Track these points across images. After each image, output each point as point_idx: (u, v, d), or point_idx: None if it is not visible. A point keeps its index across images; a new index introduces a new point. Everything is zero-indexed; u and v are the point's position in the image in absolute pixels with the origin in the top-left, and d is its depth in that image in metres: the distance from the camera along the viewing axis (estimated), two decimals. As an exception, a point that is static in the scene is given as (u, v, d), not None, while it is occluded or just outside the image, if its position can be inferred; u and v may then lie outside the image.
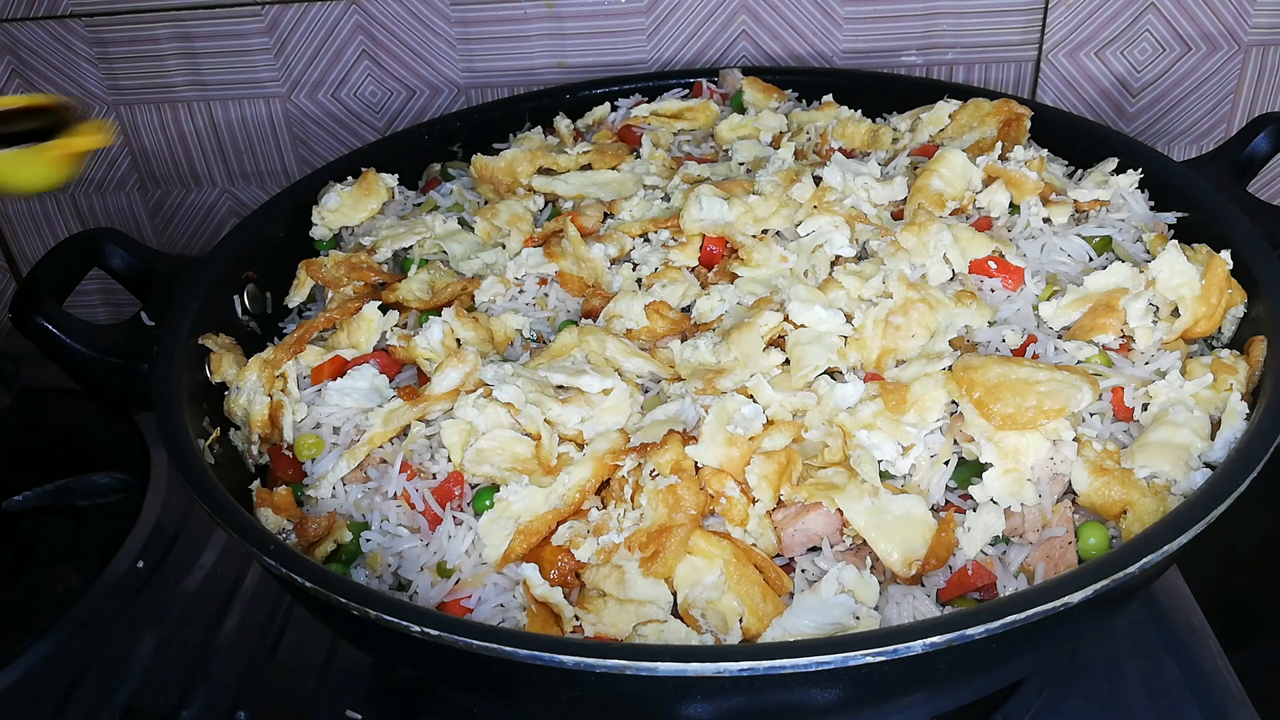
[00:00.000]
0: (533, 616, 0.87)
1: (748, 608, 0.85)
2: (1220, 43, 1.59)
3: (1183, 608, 1.17)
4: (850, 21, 1.59)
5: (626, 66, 1.61)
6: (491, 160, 1.29)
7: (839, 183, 1.15)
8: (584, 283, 1.13)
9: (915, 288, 1.03)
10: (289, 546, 0.92)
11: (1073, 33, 1.58)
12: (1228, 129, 1.66)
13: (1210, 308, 1.01)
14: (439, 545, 0.94)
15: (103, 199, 1.73)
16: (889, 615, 0.86)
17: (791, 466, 0.91)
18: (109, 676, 1.16)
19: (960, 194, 1.15)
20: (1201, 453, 0.92)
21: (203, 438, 1.01)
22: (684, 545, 0.88)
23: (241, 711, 1.12)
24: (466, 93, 1.64)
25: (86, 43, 1.61)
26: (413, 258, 1.19)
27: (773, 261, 1.10)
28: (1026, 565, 0.88)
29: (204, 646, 1.19)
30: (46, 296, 1.11)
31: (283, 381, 1.06)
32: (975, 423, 0.92)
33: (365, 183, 1.29)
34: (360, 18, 1.58)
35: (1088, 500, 0.90)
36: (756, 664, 0.73)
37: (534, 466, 0.96)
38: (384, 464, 1.00)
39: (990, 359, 0.95)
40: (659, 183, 1.25)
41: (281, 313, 1.23)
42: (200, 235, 1.77)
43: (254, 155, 1.70)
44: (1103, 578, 0.76)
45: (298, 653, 1.18)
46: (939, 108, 1.29)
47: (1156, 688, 1.09)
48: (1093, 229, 1.12)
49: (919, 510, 0.89)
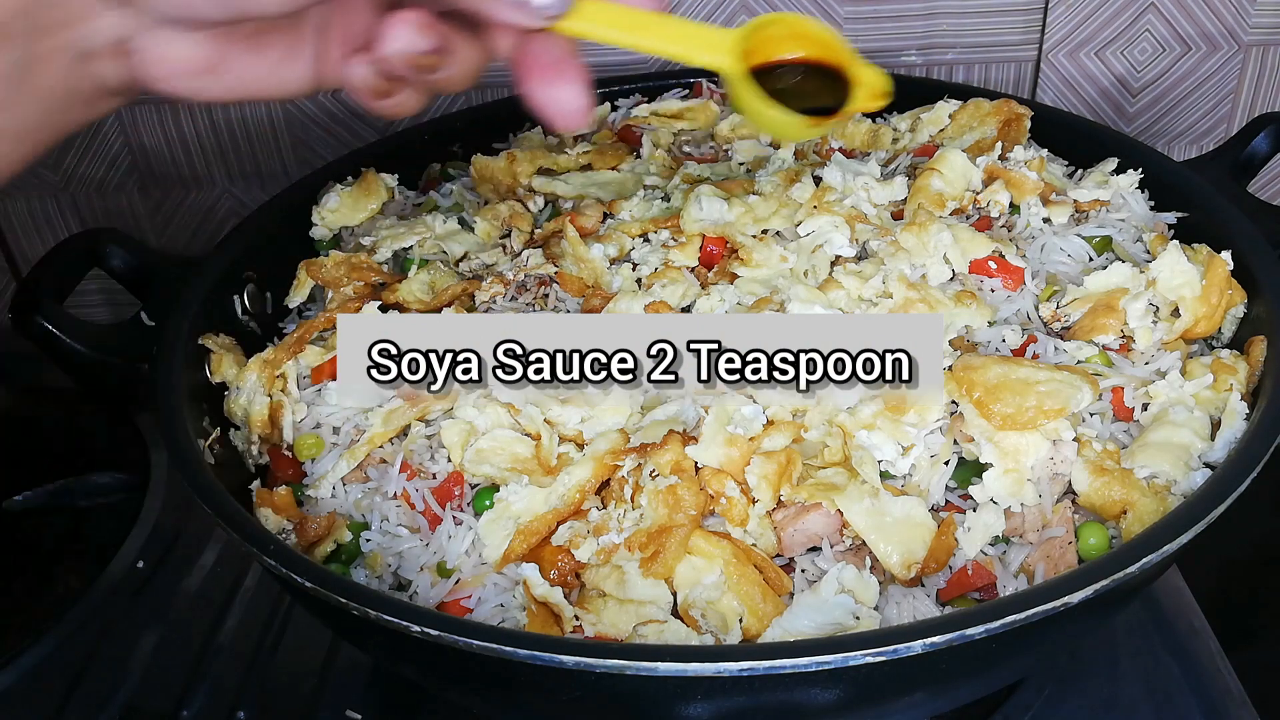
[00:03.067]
0: (533, 616, 0.87)
1: (748, 608, 0.85)
2: (1220, 43, 1.59)
3: (1183, 608, 1.17)
4: (850, 21, 1.59)
5: (626, 66, 1.61)
6: (491, 160, 1.29)
7: (839, 183, 1.15)
8: (583, 283, 1.13)
9: (915, 288, 1.03)
10: (289, 546, 0.92)
11: (1073, 33, 1.59)
12: (1228, 129, 1.66)
13: (1211, 308, 1.02)
14: (439, 545, 0.94)
15: (103, 199, 1.73)
16: (889, 615, 0.86)
17: (791, 467, 0.91)
18: (109, 676, 1.16)
19: (960, 194, 1.15)
20: (1201, 453, 0.92)
21: (203, 438, 1.01)
22: (684, 546, 0.88)
23: (241, 711, 1.12)
24: (466, 93, 1.64)
25: (86, 43, 1.60)
26: (413, 258, 1.19)
27: (773, 261, 1.10)
28: (1026, 565, 0.89)
29: (204, 646, 1.19)
30: (46, 296, 1.11)
31: (283, 381, 1.06)
32: (975, 423, 0.92)
33: (365, 183, 1.29)
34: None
35: (1088, 500, 0.90)
36: (756, 664, 0.73)
37: (534, 467, 0.96)
38: (384, 464, 1.00)
39: (990, 359, 0.95)
40: (659, 183, 1.25)
41: (281, 313, 1.23)
42: (200, 235, 1.76)
43: (254, 155, 1.69)
44: (1103, 578, 0.76)
45: (298, 653, 1.18)
46: (939, 108, 1.29)
47: (1156, 688, 1.09)
48: (1093, 229, 1.12)
49: (919, 512, 0.89)
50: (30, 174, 1.71)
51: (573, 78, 0.77)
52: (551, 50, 0.77)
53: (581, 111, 0.78)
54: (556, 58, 0.77)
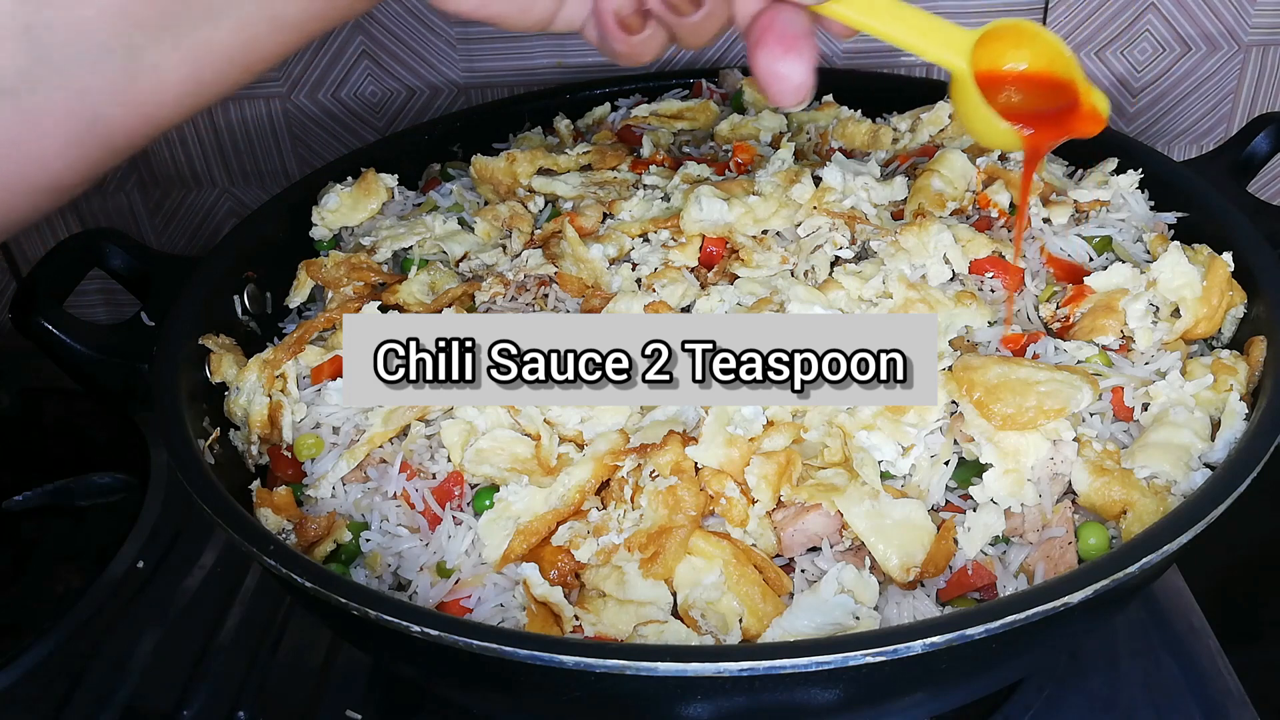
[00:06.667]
0: (533, 616, 0.87)
1: (747, 608, 0.85)
2: (1220, 43, 1.59)
3: (1183, 608, 1.17)
4: (850, 21, 1.59)
5: (626, 66, 1.61)
6: (491, 160, 1.29)
7: (839, 183, 1.15)
8: (583, 283, 1.13)
9: (915, 288, 1.03)
10: (289, 546, 0.92)
11: (1073, 33, 1.58)
12: (1228, 129, 1.66)
13: (1211, 309, 1.02)
14: (439, 545, 0.94)
15: (103, 199, 1.73)
16: (889, 615, 0.86)
17: (791, 467, 0.91)
18: (109, 676, 1.16)
19: (960, 194, 1.15)
20: (1202, 453, 0.92)
21: (203, 438, 1.01)
22: (684, 546, 0.88)
23: (241, 711, 1.12)
24: (466, 93, 1.64)
25: (86, 43, 1.60)
26: (413, 258, 1.19)
27: (773, 262, 1.10)
28: (1026, 565, 0.89)
29: (204, 646, 1.19)
30: (46, 296, 1.11)
31: (282, 382, 1.06)
32: (975, 423, 0.92)
33: (365, 183, 1.29)
34: (360, 18, 1.58)
35: (1088, 500, 0.90)
36: (756, 664, 0.73)
37: (534, 467, 0.96)
38: (384, 464, 1.00)
39: (990, 359, 0.95)
40: (659, 183, 1.25)
41: (281, 313, 1.23)
42: (200, 235, 1.76)
43: (254, 155, 1.69)
44: (1103, 578, 0.76)
45: (298, 653, 1.18)
46: (939, 108, 1.29)
47: (1156, 688, 1.09)
48: (1093, 229, 1.12)
49: (918, 515, 0.89)
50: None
51: (804, 54, 0.77)
52: (792, 24, 0.78)
53: (804, 88, 0.78)
54: (794, 32, 0.77)
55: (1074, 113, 0.86)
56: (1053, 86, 0.87)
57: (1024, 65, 0.86)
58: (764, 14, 0.78)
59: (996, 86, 0.86)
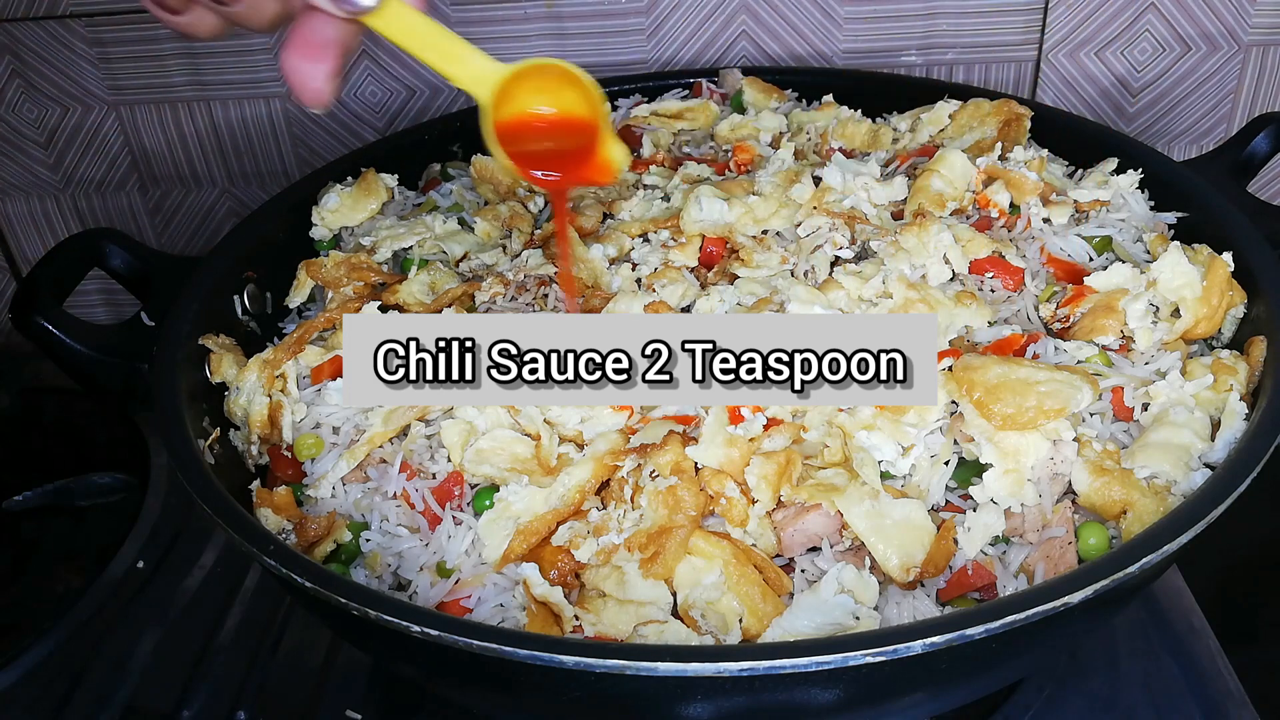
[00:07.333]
0: (533, 616, 0.87)
1: (747, 608, 0.85)
2: (1220, 43, 1.59)
3: (1183, 608, 1.17)
4: (850, 21, 1.59)
5: (626, 66, 1.61)
6: (491, 160, 1.29)
7: (839, 183, 1.15)
8: (583, 283, 1.13)
9: (915, 288, 1.03)
10: (289, 546, 0.92)
11: (1073, 33, 1.59)
12: (1228, 129, 1.66)
13: (1211, 309, 1.01)
14: (439, 545, 0.94)
15: (103, 199, 1.73)
16: (889, 615, 0.86)
17: (791, 467, 0.91)
18: (109, 676, 1.16)
19: (960, 194, 1.15)
20: (1202, 453, 0.92)
21: (203, 438, 1.01)
22: (684, 546, 0.88)
23: (241, 711, 1.12)
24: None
25: (86, 43, 1.61)
26: (413, 258, 1.19)
27: (773, 262, 1.10)
28: (1026, 565, 0.89)
29: (204, 646, 1.19)
30: (46, 296, 1.11)
31: (282, 382, 1.06)
32: (975, 423, 0.92)
33: (365, 183, 1.29)
34: (360, 18, 1.57)
35: (1088, 500, 0.90)
36: (756, 664, 0.73)
37: (534, 467, 0.96)
38: (384, 464, 1.00)
39: (990, 359, 0.95)
40: (659, 183, 1.25)
41: (281, 313, 1.23)
42: (200, 235, 1.77)
43: (254, 155, 1.70)
44: (1103, 578, 0.76)
45: (298, 653, 1.18)
46: (939, 108, 1.29)
47: (1156, 688, 1.09)
48: (1093, 229, 1.12)
49: (918, 515, 0.89)
50: (30, 174, 1.71)
51: (328, 61, 0.81)
52: (325, 31, 0.81)
53: (321, 93, 0.81)
54: (319, 40, 0.81)
55: (588, 160, 0.91)
56: (583, 129, 0.90)
57: (552, 110, 0.91)
58: (304, 15, 0.82)
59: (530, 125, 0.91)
